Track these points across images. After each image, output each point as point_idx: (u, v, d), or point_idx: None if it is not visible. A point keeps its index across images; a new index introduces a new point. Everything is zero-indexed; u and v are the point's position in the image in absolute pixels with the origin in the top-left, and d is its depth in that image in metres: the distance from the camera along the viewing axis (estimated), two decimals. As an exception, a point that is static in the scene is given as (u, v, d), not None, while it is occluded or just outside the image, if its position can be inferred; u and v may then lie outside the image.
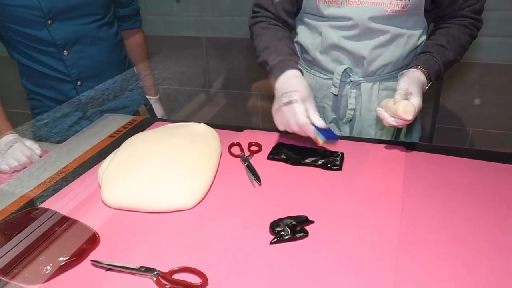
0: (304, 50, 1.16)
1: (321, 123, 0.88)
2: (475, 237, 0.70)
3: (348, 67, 1.08)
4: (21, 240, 0.71)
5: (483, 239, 0.70)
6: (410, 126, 1.18)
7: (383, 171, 0.90)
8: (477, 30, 1.04)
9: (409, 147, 0.97)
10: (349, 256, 0.67)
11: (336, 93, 1.12)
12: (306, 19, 1.11)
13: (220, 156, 0.97)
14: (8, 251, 0.70)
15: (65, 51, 1.19)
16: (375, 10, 0.99)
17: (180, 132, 1.01)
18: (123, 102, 1.41)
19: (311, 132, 0.88)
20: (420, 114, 1.22)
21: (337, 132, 1.19)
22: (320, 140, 0.87)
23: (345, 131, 1.18)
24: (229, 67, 2.24)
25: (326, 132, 0.87)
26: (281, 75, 0.97)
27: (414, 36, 1.05)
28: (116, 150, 0.96)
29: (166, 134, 1.00)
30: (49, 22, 1.13)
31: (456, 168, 0.90)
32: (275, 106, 0.93)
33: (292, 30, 1.16)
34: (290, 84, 0.94)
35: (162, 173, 0.85)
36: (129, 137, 1.01)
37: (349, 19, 1.02)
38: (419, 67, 0.97)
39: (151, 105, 1.55)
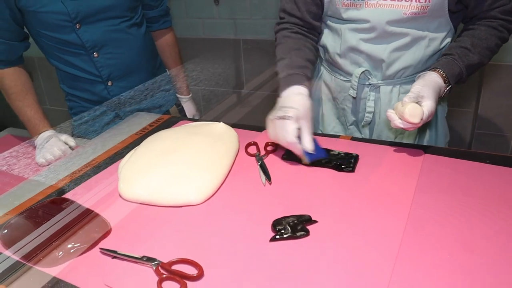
0: (326, 52, 1.16)
1: (309, 147, 0.89)
2: (481, 245, 0.68)
3: (366, 70, 1.07)
4: (40, 227, 0.77)
5: (489, 247, 0.67)
6: (435, 130, 1.15)
7: (397, 174, 0.88)
8: (509, 32, 0.99)
9: (428, 151, 0.95)
10: (347, 257, 0.67)
11: (354, 96, 1.11)
12: (328, 22, 1.11)
13: (236, 155, 0.99)
14: (33, 238, 0.76)
15: (94, 53, 1.25)
16: (393, 13, 0.98)
17: (199, 131, 1.05)
18: (155, 102, 1.46)
19: (298, 151, 0.91)
20: (448, 118, 1.18)
21: (357, 135, 1.18)
22: (305, 160, 0.92)
23: (365, 134, 1.17)
24: (266, 69, 2.26)
25: (312, 155, 0.91)
26: (286, 89, 0.98)
27: (437, 38, 1.02)
28: (137, 146, 1.01)
29: (185, 132, 1.04)
30: (77, 26, 1.19)
31: (474, 174, 0.86)
32: (270, 116, 0.95)
33: (319, 34, 1.15)
34: (290, 100, 0.95)
35: (175, 169, 0.89)
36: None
37: (366, 21, 1.01)
38: (437, 69, 0.94)
39: (182, 106, 1.60)
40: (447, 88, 0.96)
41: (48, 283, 0.68)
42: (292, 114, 0.90)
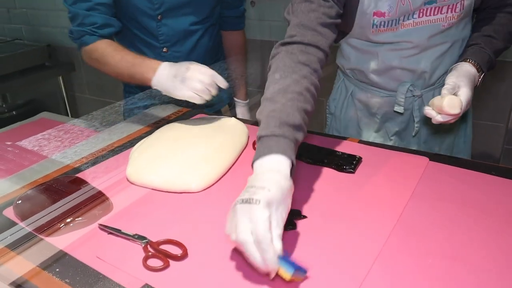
0: (355, 73, 1.14)
1: (279, 248, 0.60)
2: (467, 255, 0.67)
3: (410, 84, 1.06)
4: (48, 202, 0.83)
5: (474, 258, 0.66)
6: (463, 132, 1.18)
7: (396, 179, 0.88)
8: None
9: (433, 158, 0.94)
10: (326, 254, 0.68)
11: (402, 112, 1.09)
12: (355, 44, 1.07)
13: (243, 150, 1.02)
14: (40, 210, 0.83)
15: (164, 48, 1.28)
16: (433, 28, 0.98)
17: (210, 123, 1.08)
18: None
19: (271, 260, 0.58)
20: (478, 132, 1.17)
21: (399, 144, 1.16)
22: (287, 275, 0.59)
23: (412, 142, 1.17)
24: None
25: (291, 263, 0.59)
26: (262, 157, 0.70)
27: (467, 36, 1.05)
28: (151, 135, 1.06)
29: (197, 124, 1.08)
30: (159, 17, 1.22)
31: (476, 185, 0.85)
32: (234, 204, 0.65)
33: (326, 55, 0.91)
34: (264, 177, 0.66)
35: (180, 157, 0.93)
36: (170, 125, 1.11)
37: (408, 42, 1.00)
38: (468, 60, 0.96)
39: (234, 106, 1.56)
40: (481, 76, 0.97)
41: (49, 253, 0.73)
42: (261, 197, 0.61)
